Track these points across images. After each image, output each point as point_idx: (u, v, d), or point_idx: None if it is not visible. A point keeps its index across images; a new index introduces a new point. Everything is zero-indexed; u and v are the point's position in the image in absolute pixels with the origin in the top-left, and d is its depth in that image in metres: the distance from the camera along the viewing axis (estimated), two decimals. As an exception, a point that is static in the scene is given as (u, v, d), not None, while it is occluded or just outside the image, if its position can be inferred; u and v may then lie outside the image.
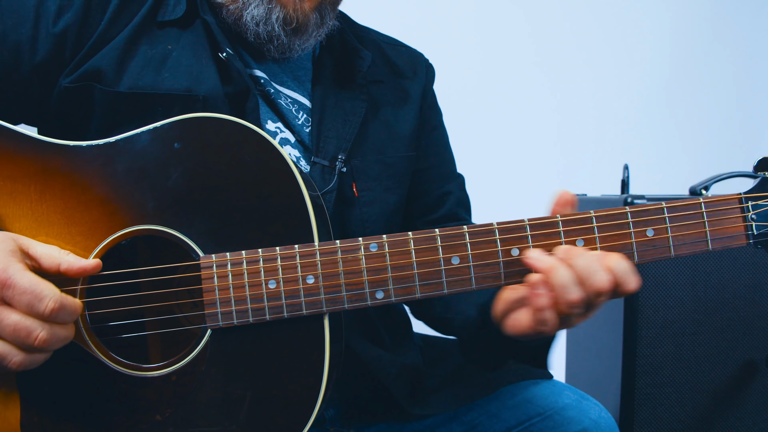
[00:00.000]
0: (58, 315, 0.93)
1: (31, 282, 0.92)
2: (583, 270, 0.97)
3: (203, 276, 1.01)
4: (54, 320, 0.94)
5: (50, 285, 0.93)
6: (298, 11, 1.23)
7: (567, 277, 0.97)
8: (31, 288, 0.92)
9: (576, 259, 0.98)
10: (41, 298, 0.91)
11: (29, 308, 0.91)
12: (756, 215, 1.02)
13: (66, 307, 0.94)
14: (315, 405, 1.03)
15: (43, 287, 0.92)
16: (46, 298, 0.92)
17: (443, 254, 1.01)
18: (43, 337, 0.93)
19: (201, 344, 1.03)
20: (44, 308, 0.92)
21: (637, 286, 0.98)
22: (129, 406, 1.03)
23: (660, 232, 1.02)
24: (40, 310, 0.91)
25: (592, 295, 0.97)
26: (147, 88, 1.16)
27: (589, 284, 0.96)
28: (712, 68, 3.16)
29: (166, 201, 1.02)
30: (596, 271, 0.96)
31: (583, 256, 0.98)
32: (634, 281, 0.98)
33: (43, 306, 0.92)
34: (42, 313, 0.92)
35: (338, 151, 1.27)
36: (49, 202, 1.01)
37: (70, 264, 0.97)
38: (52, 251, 0.98)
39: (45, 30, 1.16)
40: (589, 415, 1.30)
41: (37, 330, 0.92)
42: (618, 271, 0.97)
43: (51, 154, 1.02)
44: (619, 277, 0.97)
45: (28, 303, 0.91)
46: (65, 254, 0.98)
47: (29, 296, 0.91)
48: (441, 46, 2.60)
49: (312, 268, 1.01)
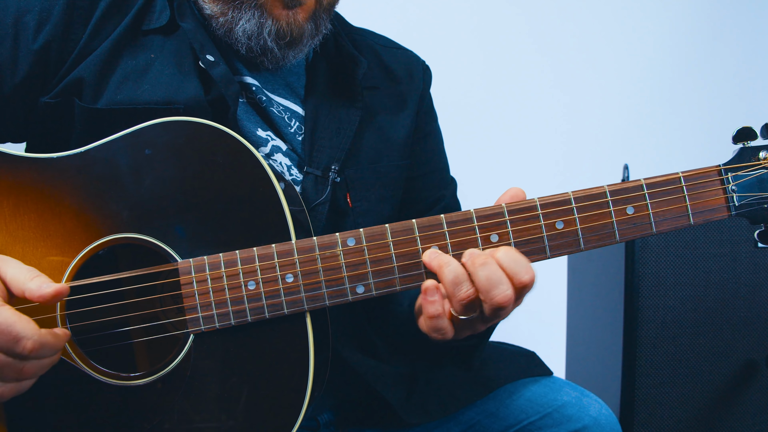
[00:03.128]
0: (39, 353, 0.90)
1: (7, 322, 0.88)
2: (469, 263, 0.95)
3: (182, 281, 1.01)
4: (35, 358, 0.91)
5: (28, 323, 0.89)
6: (292, 24, 1.19)
7: (456, 272, 0.95)
8: (7, 329, 0.88)
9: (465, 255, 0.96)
10: (18, 340, 0.88)
11: (6, 349, 0.88)
12: (736, 186, 1.01)
13: (46, 344, 0.90)
14: (301, 408, 1.01)
15: (20, 328, 0.88)
16: (23, 339, 0.88)
17: (422, 245, 1.00)
18: (27, 369, 0.91)
19: (184, 350, 1.02)
20: (21, 350, 0.88)
21: (530, 279, 0.94)
22: (117, 416, 1.02)
23: (640, 209, 1.00)
24: (17, 351, 0.88)
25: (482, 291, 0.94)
26: (125, 103, 1.14)
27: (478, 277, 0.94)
28: (712, 68, 3.15)
29: (141, 208, 1.01)
30: (484, 263, 0.94)
31: (471, 251, 0.96)
32: (525, 274, 0.94)
33: (20, 348, 0.88)
34: (20, 354, 0.89)
35: (332, 161, 1.25)
36: (23, 217, 1.01)
37: (31, 292, 0.91)
38: (19, 275, 0.93)
39: (25, 47, 1.14)
40: (589, 412, 1.28)
41: (20, 364, 0.90)
42: (506, 264, 0.94)
43: (22, 168, 1.02)
44: (509, 270, 0.94)
45: (4, 344, 0.88)
46: (29, 279, 0.92)
47: (5, 337, 0.88)
48: (440, 45, 2.63)
49: (291, 267, 1.00)
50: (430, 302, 0.96)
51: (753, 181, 1.01)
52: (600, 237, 1.00)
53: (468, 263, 0.96)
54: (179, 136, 1.02)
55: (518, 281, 0.94)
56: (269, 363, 1.02)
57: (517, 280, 0.94)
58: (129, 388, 1.02)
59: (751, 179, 1.01)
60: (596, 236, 1.00)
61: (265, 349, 1.02)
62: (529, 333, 2.46)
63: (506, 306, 0.94)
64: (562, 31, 3.00)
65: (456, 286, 0.95)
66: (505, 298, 0.93)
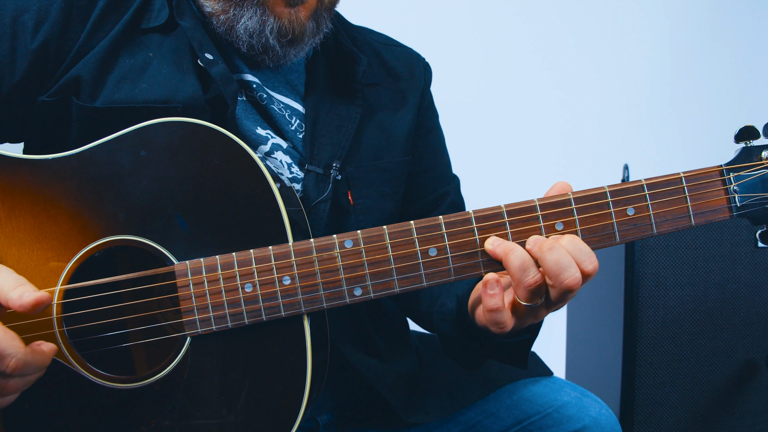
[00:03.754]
0: (23, 371, 0.89)
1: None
2: (535, 248, 0.95)
3: (179, 283, 1.00)
4: (20, 375, 0.90)
5: (12, 340, 0.88)
6: (294, 22, 1.18)
7: (523, 258, 0.94)
8: None
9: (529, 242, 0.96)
10: (2, 358, 0.87)
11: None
12: (738, 186, 1.00)
13: (31, 363, 0.89)
14: (299, 409, 1.00)
15: (4, 346, 0.87)
16: (7, 357, 0.87)
17: (420, 246, 0.99)
18: (11, 385, 0.90)
19: (181, 352, 1.01)
20: (4, 368, 0.87)
21: (594, 268, 0.94)
22: (113, 419, 1.02)
23: (641, 210, 0.99)
24: (1, 369, 0.87)
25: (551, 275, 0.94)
26: (123, 102, 1.13)
27: (546, 261, 0.94)
28: (713, 67, 3.14)
29: (137, 210, 1.01)
30: (551, 247, 0.94)
31: (536, 238, 0.96)
32: (590, 262, 0.94)
33: (4, 366, 0.87)
34: (3, 372, 0.87)
35: (333, 158, 1.24)
36: (19, 219, 1.00)
37: (13, 302, 0.89)
38: (5, 285, 0.91)
39: (23, 47, 1.13)
40: (589, 412, 1.27)
41: (2, 381, 0.89)
42: (570, 250, 0.94)
43: (18, 170, 1.01)
44: (576, 257, 0.94)
45: None
46: (12, 289, 0.90)
47: None
48: (440, 45, 2.61)
49: (288, 269, 1.00)
50: (490, 295, 0.95)
51: (755, 182, 1.00)
52: (600, 238, 0.99)
53: (534, 249, 0.96)
54: (175, 136, 1.01)
55: (583, 269, 0.94)
56: (267, 365, 1.01)
57: (582, 268, 0.94)
58: (126, 391, 1.01)
59: (754, 179, 1.00)
60: (596, 237, 0.99)
61: (262, 351, 1.01)
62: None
63: (575, 288, 0.93)
64: (562, 30, 2.99)
65: (523, 271, 0.94)
66: (575, 280, 0.93)
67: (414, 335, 1.47)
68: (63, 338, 1.00)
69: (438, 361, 1.40)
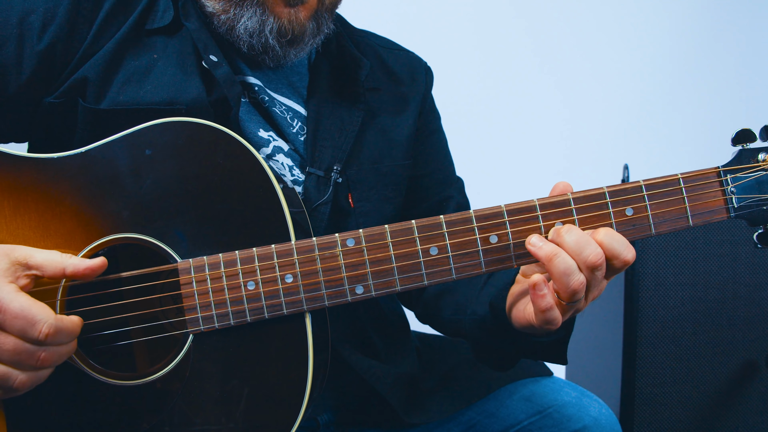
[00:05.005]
0: (55, 338, 0.92)
1: (22, 307, 0.90)
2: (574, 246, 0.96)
3: (182, 281, 1.01)
4: (51, 343, 0.92)
5: (43, 308, 0.92)
6: (294, 22, 1.19)
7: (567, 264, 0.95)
8: (23, 313, 0.90)
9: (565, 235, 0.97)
10: (34, 323, 0.90)
11: (23, 333, 0.90)
12: (736, 188, 1.01)
13: (62, 329, 0.93)
14: (300, 408, 1.01)
15: (36, 312, 0.91)
16: (39, 323, 0.90)
17: (421, 245, 1.00)
18: (44, 357, 0.92)
19: (183, 350, 1.02)
20: (38, 334, 0.90)
21: (632, 257, 0.97)
22: (115, 416, 1.02)
23: (639, 210, 1.00)
24: (34, 335, 0.90)
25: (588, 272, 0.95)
26: (128, 104, 1.14)
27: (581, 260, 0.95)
28: (712, 69, 3.15)
29: (141, 208, 1.02)
30: (587, 243, 0.95)
31: (570, 232, 0.97)
32: (628, 252, 0.96)
33: (36, 332, 0.90)
34: (36, 338, 0.91)
35: (334, 161, 1.25)
36: (24, 217, 1.01)
37: (75, 266, 0.95)
38: (54, 256, 0.95)
39: (30, 48, 1.14)
40: (589, 412, 1.28)
41: (38, 351, 0.92)
42: (607, 243, 0.96)
43: (23, 169, 1.02)
44: (610, 250, 0.96)
45: (21, 329, 0.90)
46: (68, 257, 0.96)
47: (21, 322, 0.90)
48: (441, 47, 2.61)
49: (290, 267, 1.01)
50: (541, 296, 0.96)
51: (752, 183, 1.01)
52: (599, 238, 1.00)
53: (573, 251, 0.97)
54: (180, 136, 1.02)
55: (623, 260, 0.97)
56: (268, 363, 1.02)
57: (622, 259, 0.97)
58: (128, 388, 1.02)
59: (750, 181, 1.01)
60: (595, 237, 1.00)
61: (264, 350, 1.02)
62: (528, 333, 2.46)
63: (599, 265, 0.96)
64: (562, 31, 3.00)
65: (567, 276, 0.95)
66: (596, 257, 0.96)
67: (414, 335, 1.47)
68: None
69: (438, 362, 1.41)
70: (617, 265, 0.97)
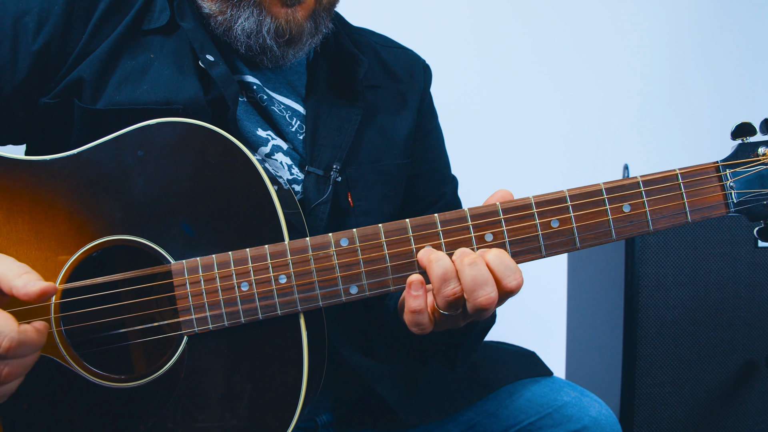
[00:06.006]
0: (17, 352, 0.89)
1: None
2: (458, 261, 0.95)
3: (175, 283, 1.00)
4: (14, 357, 0.89)
5: (5, 320, 0.88)
6: (291, 22, 1.18)
7: (445, 268, 0.94)
8: None
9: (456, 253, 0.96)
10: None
11: None
12: (735, 183, 0.99)
13: (25, 342, 0.89)
14: (296, 408, 1.00)
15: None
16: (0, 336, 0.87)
17: (415, 244, 0.99)
18: (7, 372, 0.89)
19: (178, 352, 1.01)
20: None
21: (517, 285, 0.94)
22: (111, 418, 1.02)
23: (637, 207, 0.99)
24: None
25: (467, 291, 0.93)
26: (124, 104, 1.14)
27: (464, 276, 0.93)
28: (713, 68, 3.14)
29: (134, 210, 1.01)
30: (473, 262, 0.93)
31: (462, 250, 0.96)
32: (513, 279, 0.94)
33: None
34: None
35: (333, 160, 1.24)
36: (17, 220, 1.01)
37: (17, 289, 0.90)
38: (9, 272, 0.91)
39: (24, 49, 1.14)
40: (589, 412, 1.27)
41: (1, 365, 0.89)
42: (495, 267, 0.94)
43: (16, 171, 1.02)
44: (498, 273, 0.94)
45: None
46: (16, 276, 0.90)
47: None
48: (440, 46, 2.61)
49: (284, 268, 1.00)
50: (413, 296, 0.96)
51: (752, 178, 1.00)
52: (596, 235, 0.99)
53: (457, 261, 0.95)
54: (172, 137, 1.02)
55: (504, 285, 0.94)
56: (263, 364, 1.01)
57: (504, 284, 0.94)
58: (123, 390, 1.01)
59: (750, 175, 1.00)
60: (592, 234, 0.99)
61: (259, 351, 1.01)
62: (529, 333, 2.45)
63: (488, 308, 0.93)
64: (561, 31, 2.99)
65: (444, 282, 0.94)
66: (488, 300, 0.93)
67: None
68: (61, 338, 1.00)
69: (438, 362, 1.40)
70: (501, 290, 0.94)
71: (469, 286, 0.93)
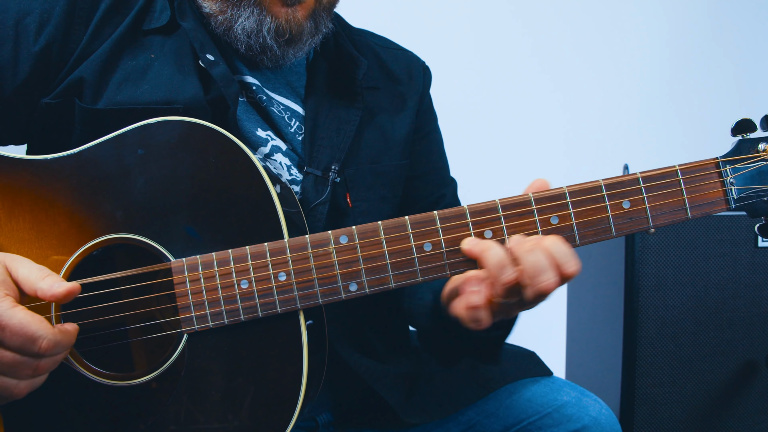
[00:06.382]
0: (54, 350, 0.92)
1: (21, 323, 0.89)
2: (516, 248, 0.94)
3: (175, 281, 1.00)
4: (50, 355, 0.92)
5: (42, 323, 0.91)
6: (291, 21, 1.19)
7: (501, 256, 0.94)
8: (23, 330, 0.89)
9: (510, 241, 0.96)
10: (34, 340, 0.89)
11: (22, 349, 0.90)
12: (735, 179, 0.99)
13: (61, 342, 0.92)
14: (295, 407, 1.00)
15: (35, 328, 0.90)
16: (39, 339, 0.89)
17: (415, 241, 0.99)
18: (42, 365, 0.92)
19: (178, 350, 1.01)
20: (38, 349, 0.90)
21: (576, 270, 0.94)
22: (112, 416, 1.02)
23: (636, 203, 0.99)
24: (34, 351, 0.90)
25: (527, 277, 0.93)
26: (125, 103, 1.14)
27: (525, 262, 0.93)
28: (712, 68, 3.14)
29: (134, 208, 1.01)
30: (532, 249, 0.93)
31: (517, 237, 0.96)
32: (573, 264, 0.94)
33: (37, 348, 0.90)
34: (36, 353, 0.90)
35: (332, 160, 1.24)
36: (18, 218, 1.01)
37: (43, 291, 0.93)
38: (31, 275, 0.94)
39: (26, 50, 1.14)
40: (588, 412, 1.27)
41: (35, 362, 0.92)
42: (555, 253, 0.94)
43: (17, 170, 1.02)
44: (558, 258, 0.94)
45: (20, 345, 0.89)
46: (40, 279, 0.93)
47: (20, 338, 0.89)
48: (440, 46, 2.62)
49: (283, 265, 1.00)
50: (474, 292, 0.96)
51: (752, 174, 1.00)
52: (596, 232, 0.99)
53: (515, 248, 0.95)
54: (172, 135, 1.02)
55: (564, 271, 0.94)
56: (263, 362, 1.01)
57: (564, 269, 0.94)
58: (123, 388, 1.01)
59: (751, 171, 1.00)
60: (592, 231, 0.99)
61: (259, 349, 1.01)
62: (529, 333, 2.45)
63: (549, 292, 0.94)
64: (561, 30, 3.00)
65: (501, 269, 0.94)
66: (550, 285, 0.93)
67: (414, 335, 1.46)
68: (61, 336, 1.00)
69: (438, 361, 1.40)
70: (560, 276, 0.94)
71: (530, 272, 0.93)
